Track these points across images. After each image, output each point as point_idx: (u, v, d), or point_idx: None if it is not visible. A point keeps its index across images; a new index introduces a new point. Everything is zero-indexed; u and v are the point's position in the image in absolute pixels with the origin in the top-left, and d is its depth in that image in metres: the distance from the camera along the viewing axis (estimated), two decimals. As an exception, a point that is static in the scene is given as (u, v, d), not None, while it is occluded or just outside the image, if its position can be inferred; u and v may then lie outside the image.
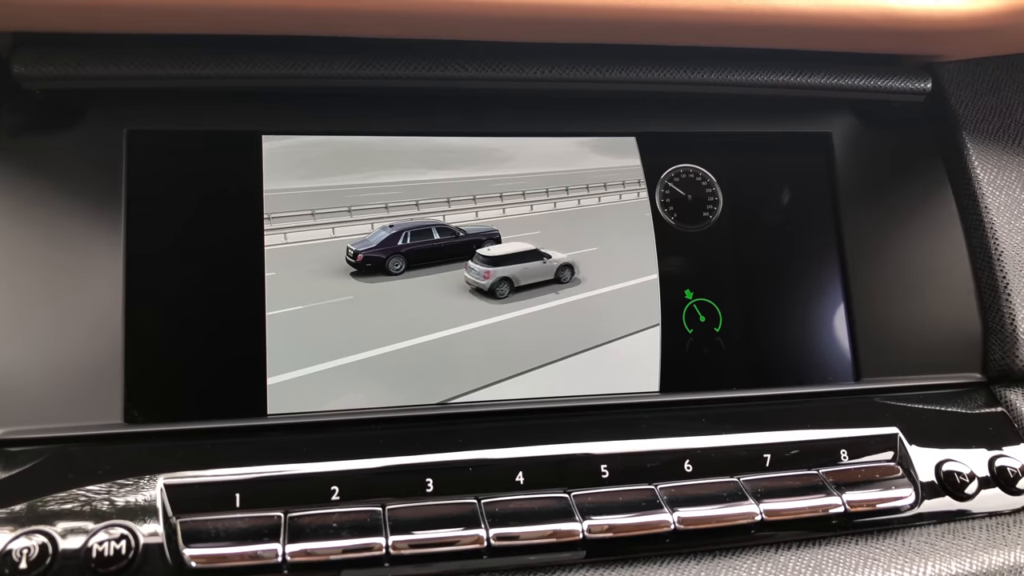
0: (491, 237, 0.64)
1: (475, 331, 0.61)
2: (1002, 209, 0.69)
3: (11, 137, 0.57)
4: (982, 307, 0.68)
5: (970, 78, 0.72)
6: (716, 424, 0.59)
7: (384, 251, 0.62)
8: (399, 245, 0.62)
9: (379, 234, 0.62)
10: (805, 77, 0.67)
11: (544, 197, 0.66)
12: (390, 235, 0.62)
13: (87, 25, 0.55)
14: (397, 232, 0.62)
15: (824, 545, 0.55)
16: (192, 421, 0.55)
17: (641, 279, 0.65)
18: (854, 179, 0.70)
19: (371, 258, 0.61)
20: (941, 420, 0.63)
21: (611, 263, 0.65)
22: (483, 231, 0.64)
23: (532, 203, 0.65)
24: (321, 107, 0.63)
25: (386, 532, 0.49)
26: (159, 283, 0.58)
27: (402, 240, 0.62)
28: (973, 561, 0.55)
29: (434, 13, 0.55)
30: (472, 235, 0.64)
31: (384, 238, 0.62)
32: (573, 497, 0.53)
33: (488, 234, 0.64)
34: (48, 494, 0.49)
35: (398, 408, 0.58)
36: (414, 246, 0.62)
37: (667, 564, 0.52)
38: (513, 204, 0.65)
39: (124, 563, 0.46)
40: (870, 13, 0.60)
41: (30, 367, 0.54)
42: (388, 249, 0.62)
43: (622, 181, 0.67)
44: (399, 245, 0.62)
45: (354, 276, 0.61)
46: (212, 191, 0.60)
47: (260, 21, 0.56)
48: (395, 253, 0.62)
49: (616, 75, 0.64)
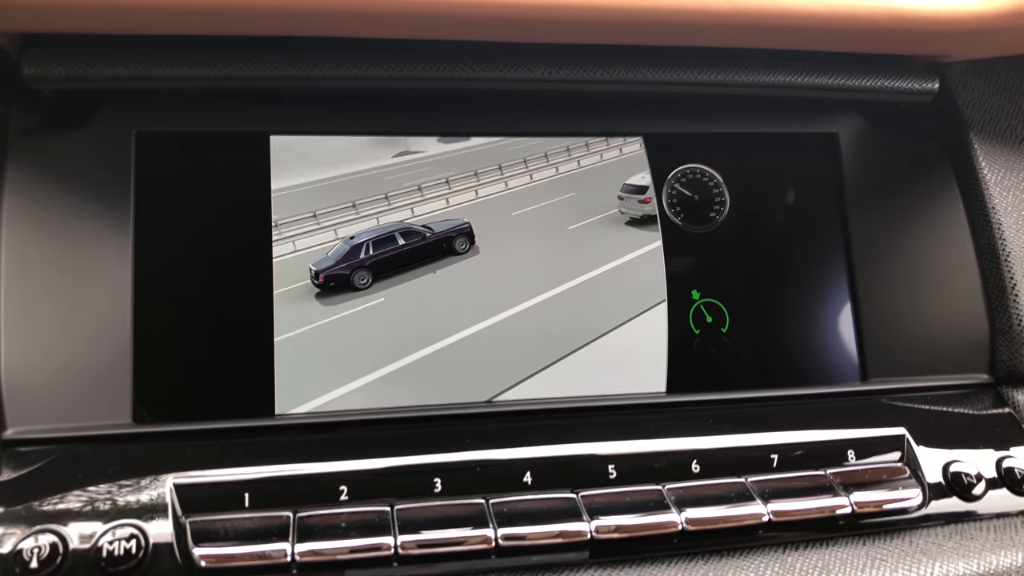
0: (462, 231, 0.61)
1: (483, 332, 0.61)
2: (1009, 209, 0.69)
3: (21, 138, 0.58)
4: (989, 308, 0.68)
5: (977, 78, 0.72)
6: (723, 425, 0.59)
7: (347, 266, 0.58)
8: (362, 258, 0.59)
9: (339, 249, 0.59)
10: (812, 77, 0.67)
11: (523, 168, 0.63)
12: (351, 248, 0.59)
13: (96, 26, 0.55)
14: (358, 244, 0.59)
15: (831, 546, 0.55)
16: (200, 421, 0.56)
17: (639, 251, 0.64)
18: (861, 179, 0.70)
19: (333, 276, 0.58)
20: (948, 421, 0.63)
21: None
22: (452, 227, 0.61)
23: (507, 179, 0.63)
24: (329, 107, 0.64)
25: (394, 532, 0.49)
26: (167, 283, 0.58)
27: (364, 252, 0.59)
28: (981, 562, 0.55)
29: (442, 14, 0.55)
30: (440, 233, 0.60)
31: (345, 252, 0.58)
32: (581, 497, 0.53)
33: (459, 228, 0.61)
34: (58, 494, 0.49)
35: (406, 408, 0.58)
36: (378, 256, 0.59)
37: (675, 564, 0.52)
38: (488, 183, 0.63)
39: (134, 562, 0.46)
40: (877, 13, 0.60)
41: (39, 367, 0.54)
42: (351, 264, 0.59)
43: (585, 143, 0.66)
44: (362, 258, 0.59)
45: (319, 298, 0.58)
46: (220, 191, 0.60)
47: (268, 22, 0.56)
48: (359, 267, 0.59)
49: (623, 76, 0.64)
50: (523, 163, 0.65)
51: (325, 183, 0.61)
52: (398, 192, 0.62)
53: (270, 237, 0.60)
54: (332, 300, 0.59)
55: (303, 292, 0.59)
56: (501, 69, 0.62)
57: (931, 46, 0.68)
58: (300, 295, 0.59)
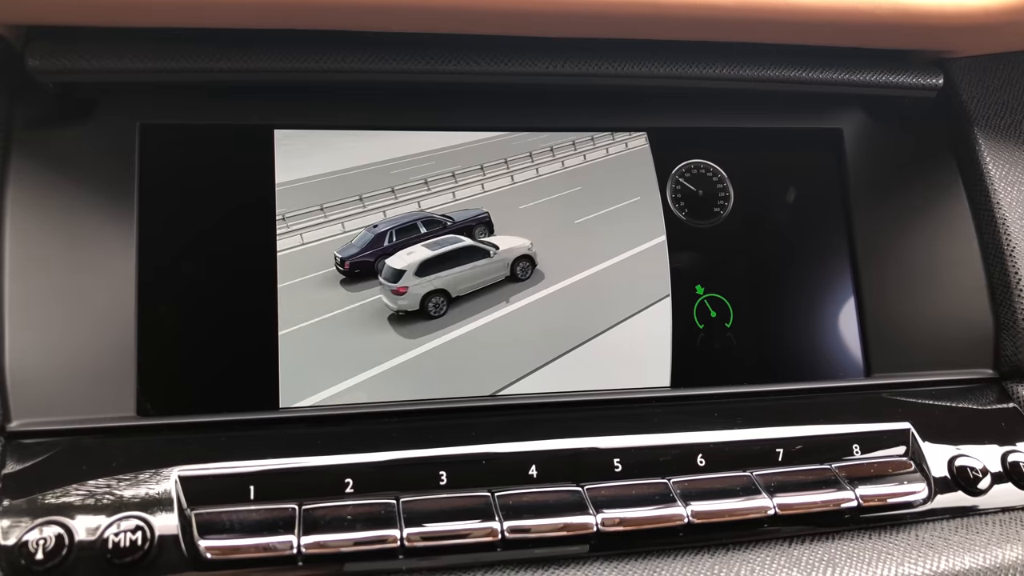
0: (481, 221, 0.62)
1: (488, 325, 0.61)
2: (1014, 205, 0.69)
3: (25, 130, 0.58)
4: (994, 303, 0.68)
5: (981, 74, 0.72)
6: (728, 419, 0.59)
7: (371, 254, 0.60)
8: (386, 246, 0.60)
9: (363, 237, 0.60)
10: (816, 73, 0.67)
11: (529, 163, 0.64)
12: (375, 236, 0.60)
13: (100, 19, 0.55)
14: (382, 232, 0.60)
15: (837, 539, 0.55)
16: (204, 414, 0.56)
17: (643, 246, 0.64)
18: (865, 174, 0.70)
19: (359, 263, 0.59)
20: (953, 415, 0.63)
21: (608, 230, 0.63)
22: (472, 216, 0.62)
23: (513, 173, 0.63)
24: (333, 101, 0.63)
25: (400, 524, 0.49)
26: (171, 276, 0.58)
27: (388, 240, 0.60)
28: (986, 556, 0.55)
29: (446, 8, 0.55)
30: (460, 222, 0.62)
31: (369, 240, 0.60)
32: (586, 490, 0.53)
33: (478, 218, 0.62)
34: (63, 486, 0.49)
35: (411, 402, 0.58)
36: (401, 244, 0.61)
37: (680, 557, 0.52)
38: (495, 176, 0.63)
39: (140, 554, 0.46)
40: (882, 8, 0.60)
41: (44, 360, 0.54)
42: (375, 252, 0.60)
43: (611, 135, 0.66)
44: (386, 246, 0.60)
45: (343, 284, 0.59)
46: (224, 185, 0.60)
47: (272, 16, 0.56)
48: (384, 255, 0.60)
49: (628, 70, 0.64)
50: (529, 157, 0.65)
51: (332, 176, 0.62)
52: (405, 185, 0.62)
53: (274, 230, 0.60)
54: (336, 293, 0.59)
55: (309, 284, 0.59)
56: (506, 63, 0.62)
57: (936, 41, 0.68)
58: (306, 287, 0.59)
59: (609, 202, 0.66)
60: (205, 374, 0.57)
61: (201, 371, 0.57)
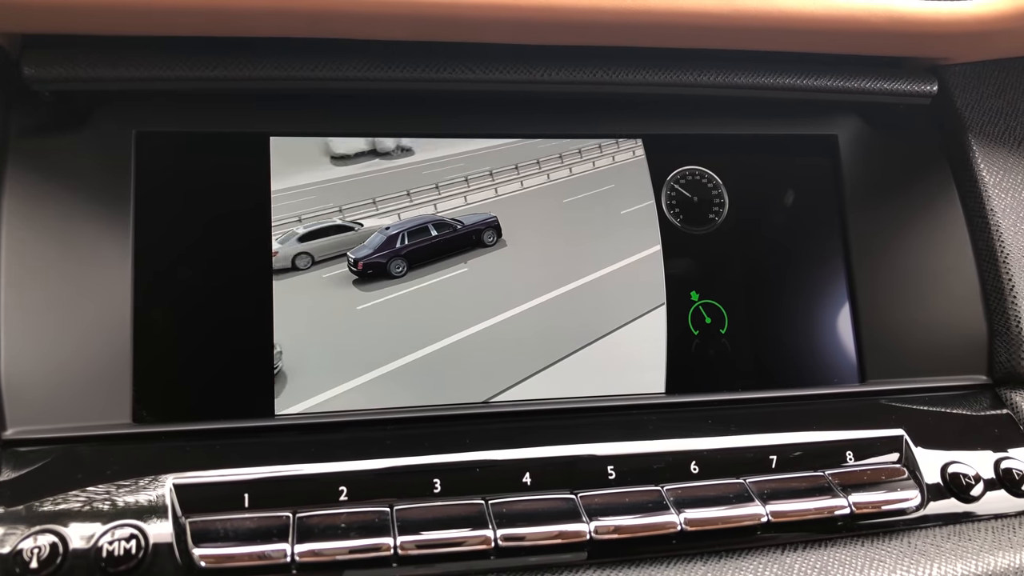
0: (489, 225, 0.64)
1: (482, 332, 0.61)
2: (1008, 211, 0.69)
3: (20, 139, 0.58)
4: (987, 309, 0.68)
5: (976, 81, 0.73)
6: (722, 425, 0.59)
7: (384, 255, 0.62)
8: (398, 247, 0.62)
9: (376, 238, 0.62)
10: (811, 79, 0.67)
11: (537, 169, 0.66)
12: (387, 238, 0.62)
13: (96, 27, 0.55)
14: (394, 234, 0.62)
15: (830, 546, 0.55)
16: (200, 421, 0.56)
17: (639, 254, 0.65)
18: (859, 181, 0.70)
19: (372, 264, 0.61)
20: (947, 422, 0.63)
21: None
22: (481, 220, 0.64)
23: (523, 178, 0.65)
24: (328, 108, 0.64)
25: (394, 532, 0.49)
26: (167, 284, 0.58)
27: (400, 242, 0.62)
28: (979, 563, 0.55)
29: (442, 16, 0.56)
30: (470, 226, 0.64)
31: (382, 241, 0.62)
32: (580, 498, 0.53)
33: (486, 222, 0.64)
34: (58, 494, 0.49)
35: (405, 409, 0.58)
36: (413, 246, 0.62)
37: (673, 565, 0.53)
38: (505, 182, 0.65)
39: (134, 562, 0.46)
40: (876, 15, 0.60)
41: (39, 367, 0.54)
42: (387, 253, 0.62)
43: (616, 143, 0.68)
44: (398, 247, 0.62)
45: (356, 284, 0.61)
46: (220, 192, 0.60)
47: (268, 23, 0.56)
48: (395, 256, 0.62)
49: (622, 77, 0.64)
50: (536, 163, 0.66)
51: (347, 180, 0.63)
52: (419, 189, 0.64)
53: (270, 238, 0.60)
54: (333, 297, 0.60)
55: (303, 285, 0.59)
56: (501, 71, 0.62)
57: (930, 48, 0.68)
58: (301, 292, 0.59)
59: (607, 208, 0.66)
60: (201, 381, 0.57)
61: (196, 379, 0.57)
